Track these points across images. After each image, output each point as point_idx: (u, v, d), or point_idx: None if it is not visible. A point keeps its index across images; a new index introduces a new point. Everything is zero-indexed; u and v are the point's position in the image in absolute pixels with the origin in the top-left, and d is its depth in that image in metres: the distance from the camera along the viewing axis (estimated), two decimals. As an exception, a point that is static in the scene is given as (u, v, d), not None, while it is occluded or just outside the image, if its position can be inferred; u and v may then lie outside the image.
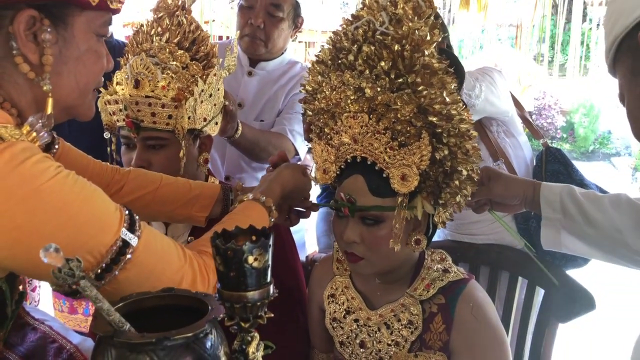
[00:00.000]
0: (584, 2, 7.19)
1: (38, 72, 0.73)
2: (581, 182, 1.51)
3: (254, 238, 0.50)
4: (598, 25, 7.95)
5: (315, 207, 1.15)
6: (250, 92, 1.82)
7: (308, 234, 2.23)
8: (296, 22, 1.81)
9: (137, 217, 0.74)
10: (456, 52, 1.99)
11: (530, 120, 1.81)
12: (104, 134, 1.26)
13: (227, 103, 1.33)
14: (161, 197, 1.09)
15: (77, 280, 0.48)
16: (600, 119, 8.47)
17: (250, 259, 0.48)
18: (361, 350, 1.07)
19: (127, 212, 0.73)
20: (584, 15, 7.80)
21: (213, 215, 1.12)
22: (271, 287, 0.51)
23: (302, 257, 1.50)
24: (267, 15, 1.72)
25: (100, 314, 0.52)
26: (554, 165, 1.57)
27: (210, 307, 0.55)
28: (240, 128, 1.49)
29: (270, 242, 0.50)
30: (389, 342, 1.04)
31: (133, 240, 0.71)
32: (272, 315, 0.53)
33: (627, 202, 1.05)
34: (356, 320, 1.08)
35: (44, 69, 0.73)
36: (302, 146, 1.77)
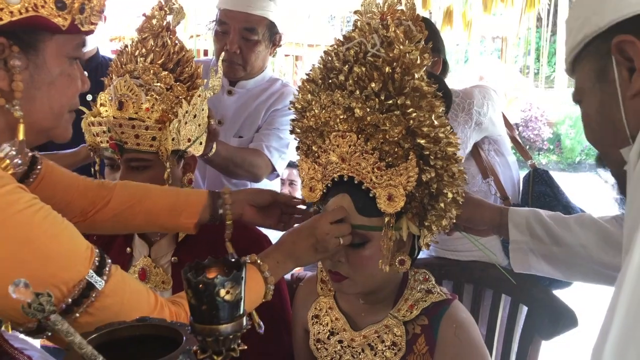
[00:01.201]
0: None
1: (8, 99, 0.72)
2: (567, 205, 1.52)
3: (226, 270, 0.50)
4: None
5: (307, 209, 1.14)
6: (231, 109, 1.81)
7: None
8: (273, 40, 1.78)
9: (108, 261, 0.73)
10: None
11: (520, 141, 1.84)
12: (89, 154, 1.26)
13: (212, 122, 1.33)
14: (148, 208, 1.08)
15: (47, 315, 0.48)
16: (586, 130, 8.56)
17: (222, 292, 0.48)
18: (345, 371, 1.07)
19: (97, 253, 0.72)
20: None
21: (202, 222, 1.11)
22: (244, 319, 0.51)
23: (287, 276, 1.49)
24: (243, 40, 1.70)
25: (73, 347, 0.51)
26: (540, 186, 1.59)
27: (184, 338, 0.55)
28: (214, 146, 1.46)
29: (243, 275, 0.50)
30: (373, 364, 1.04)
31: (99, 284, 0.69)
32: (246, 347, 0.53)
33: (591, 220, 1.10)
34: (340, 342, 1.08)
35: (14, 95, 0.71)
36: (279, 162, 1.75)
